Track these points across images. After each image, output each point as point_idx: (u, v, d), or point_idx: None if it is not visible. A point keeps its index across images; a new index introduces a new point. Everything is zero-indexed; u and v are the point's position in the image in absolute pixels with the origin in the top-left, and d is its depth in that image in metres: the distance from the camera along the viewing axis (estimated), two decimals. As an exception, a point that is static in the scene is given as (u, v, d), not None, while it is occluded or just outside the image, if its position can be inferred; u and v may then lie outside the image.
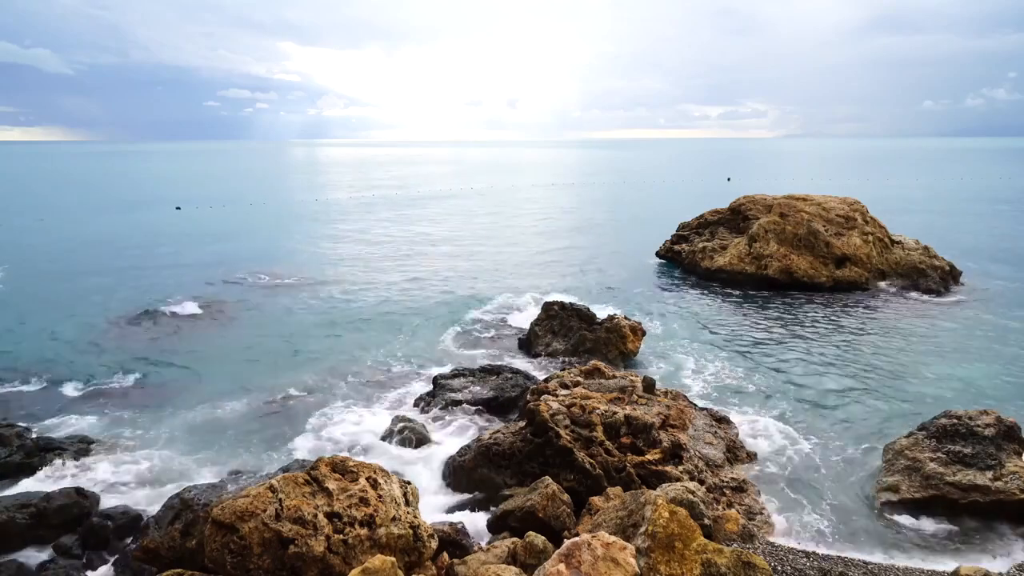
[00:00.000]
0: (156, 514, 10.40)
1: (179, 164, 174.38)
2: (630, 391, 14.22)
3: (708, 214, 35.08)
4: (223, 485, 10.97)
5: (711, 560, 7.73)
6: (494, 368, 17.96)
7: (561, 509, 10.50)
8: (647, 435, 12.48)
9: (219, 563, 8.25)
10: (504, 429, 13.34)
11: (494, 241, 43.54)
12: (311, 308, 26.58)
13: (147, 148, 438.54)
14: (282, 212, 61.05)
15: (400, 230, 48.79)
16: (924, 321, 23.62)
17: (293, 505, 8.48)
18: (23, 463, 13.11)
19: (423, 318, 24.96)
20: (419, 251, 39.87)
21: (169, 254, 38.31)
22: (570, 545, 7.54)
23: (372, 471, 9.40)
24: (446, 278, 32.08)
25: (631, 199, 73.83)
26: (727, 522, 10.35)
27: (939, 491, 11.66)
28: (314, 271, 33.74)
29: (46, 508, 11.09)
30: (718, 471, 12.38)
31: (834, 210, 30.44)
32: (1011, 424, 12.30)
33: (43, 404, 17.20)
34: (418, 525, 8.96)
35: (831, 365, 19.36)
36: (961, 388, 17.59)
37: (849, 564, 9.39)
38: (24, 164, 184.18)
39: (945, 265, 29.20)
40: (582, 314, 20.70)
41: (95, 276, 32.46)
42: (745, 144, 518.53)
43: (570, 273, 33.26)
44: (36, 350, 21.13)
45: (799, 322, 23.65)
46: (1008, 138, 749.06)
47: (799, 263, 28.89)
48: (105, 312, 25.72)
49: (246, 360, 20.40)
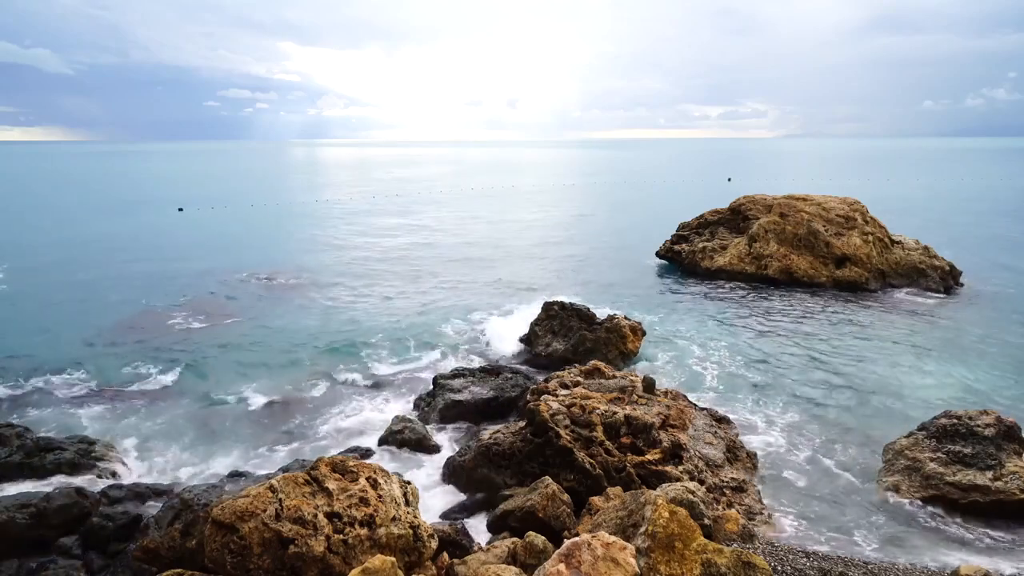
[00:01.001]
0: (156, 514, 10.40)
1: (179, 164, 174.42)
2: (630, 391, 14.22)
3: (708, 214, 35.07)
4: (223, 485, 10.98)
5: (711, 560, 7.73)
6: (494, 368, 17.97)
7: (561, 509, 10.50)
8: (647, 435, 12.48)
9: (219, 563, 8.24)
10: (504, 429, 13.34)
11: (494, 241, 43.54)
12: (311, 308, 26.59)
13: (147, 148, 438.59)
14: (283, 213, 61.05)
15: (400, 230, 48.79)
16: (924, 321, 23.61)
17: (293, 505, 8.48)
18: (23, 463, 13.10)
19: (423, 318, 24.95)
20: (419, 251, 39.88)
21: (170, 255, 38.31)
22: (570, 545, 7.54)
23: (372, 471, 9.40)
24: (446, 278, 32.09)
25: (631, 199, 73.82)
26: (727, 522, 10.34)
27: (939, 491, 11.67)
28: (314, 272, 33.75)
29: (46, 508, 11.08)
30: (718, 471, 12.37)
31: (834, 210, 30.43)
32: (1011, 424, 12.30)
33: (43, 404, 17.21)
34: (418, 525, 8.96)
35: (831, 365, 19.35)
36: (961, 388, 17.59)
37: (849, 564, 9.38)
38: (24, 164, 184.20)
39: (945, 265, 29.19)
40: (582, 314, 20.70)
41: (96, 277, 32.47)
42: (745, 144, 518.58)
43: (570, 273, 33.26)
44: (36, 350, 21.13)
45: (799, 322, 23.64)
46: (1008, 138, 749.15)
47: (799, 263, 28.88)
48: (106, 313, 25.72)
49: (246, 361, 20.41)
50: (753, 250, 30.17)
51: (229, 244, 42.56)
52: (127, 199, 74.28)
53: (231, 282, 31.03)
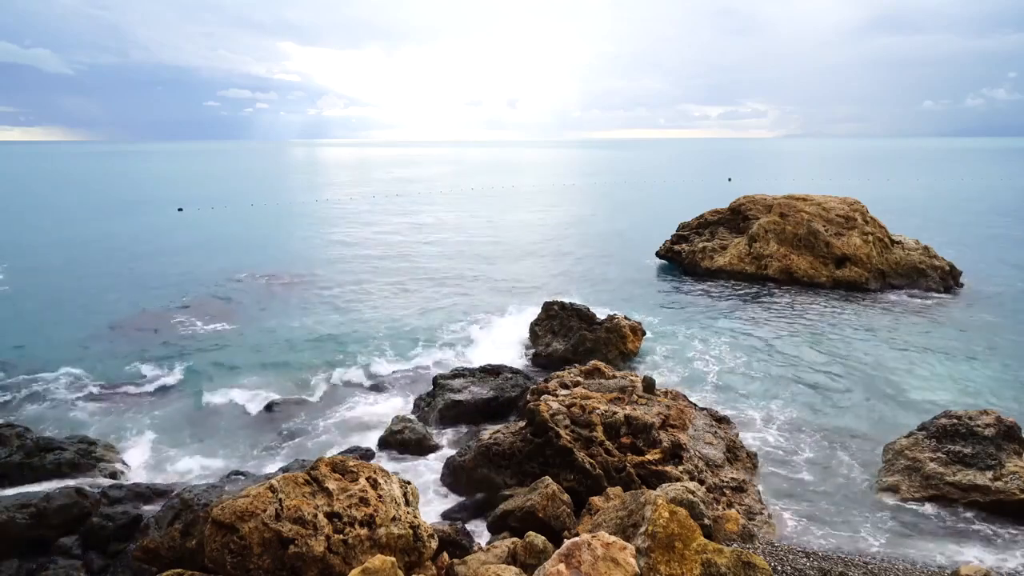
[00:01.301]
0: (156, 514, 10.39)
1: (179, 164, 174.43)
2: (630, 391, 14.22)
3: (708, 214, 35.08)
4: (223, 485, 10.97)
5: (711, 560, 7.73)
6: (494, 368, 17.96)
7: (561, 509, 10.50)
8: (647, 435, 12.48)
9: (219, 563, 8.24)
10: (504, 429, 13.34)
11: (494, 241, 43.55)
12: (311, 308, 26.58)
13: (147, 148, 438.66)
14: (282, 213, 61.07)
15: (400, 230, 48.80)
16: (924, 321, 23.61)
17: (293, 505, 8.48)
18: (23, 463, 13.09)
19: (423, 318, 24.96)
20: (419, 251, 39.88)
21: (170, 255, 38.30)
22: (570, 545, 7.54)
23: (372, 471, 9.40)
24: (446, 278, 32.09)
25: (631, 199, 73.82)
26: (727, 522, 10.34)
27: (939, 491, 11.67)
28: (314, 272, 33.74)
29: (46, 508, 11.07)
30: (718, 471, 12.37)
31: (834, 210, 30.43)
32: (1011, 424, 12.30)
33: (43, 404, 17.21)
34: (418, 525, 8.96)
35: (831, 365, 19.35)
36: (961, 388, 17.59)
37: (849, 564, 9.38)
38: (24, 164, 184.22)
39: (945, 265, 29.19)
40: (582, 314, 20.70)
41: (96, 277, 32.49)
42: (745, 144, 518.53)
43: (570, 273, 33.26)
44: (36, 350, 21.13)
45: (799, 322, 23.64)
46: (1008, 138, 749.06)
47: (799, 263, 28.88)
48: (106, 313, 25.72)
49: (246, 360, 20.40)
50: (753, 250, 30.17)
51: (229, 244, 42.56)
52: (127, 199, 74.31)
53: (231, 282, 31.03)
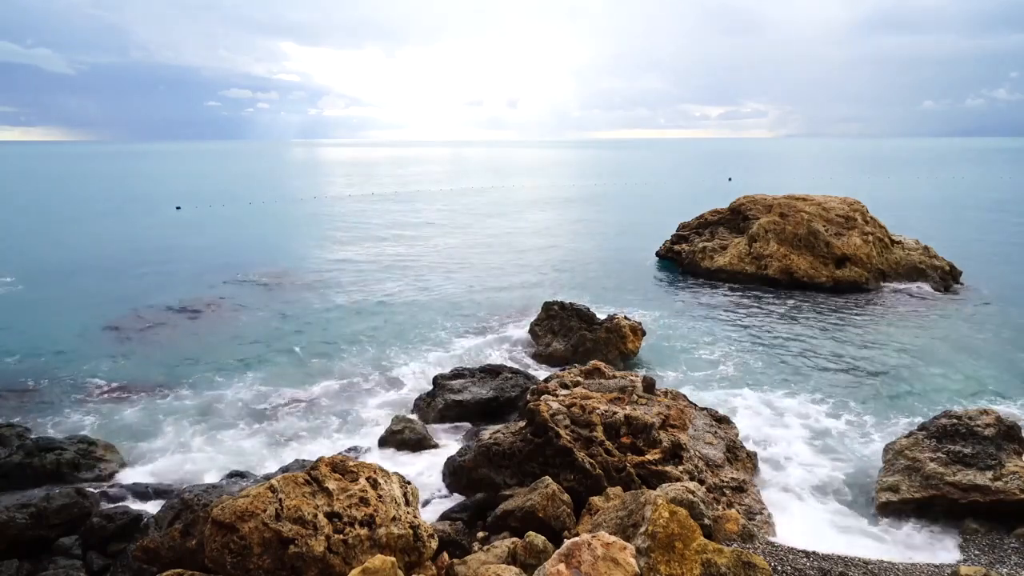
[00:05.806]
0: (156, 514, 10.40)
1: (180, 164, 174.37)
2: (630, 391, 14.22)
3: (708, 214, 35.08)
4: (223, 485, 10.98)
5: (711, 560, 7.73)
6: (494, 368, 17.95)
7: (561, 509, 10.50)
8: (647, 435, 12.48)
9: (219, 563, 8.24)
10: (504, 429, 13.33)
11: (494, 241, 43.54)
12: (311, 308, 26.57)
13: (147, 148, 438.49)
14: (282, 212, 61.06)
15: (399, 230, 48.78)
16: (924, 321, 23.61)
17: (293, 505, 8.48)
18: (23, 463, 13.08)
19: (422, 318, 24.95)
20: (418, 251, 39.87)
21: (169, 254, 38.27)
22: (570, 545, 7.54)
23: (372, 471, 9.40)
24: (445, 278, 32.09)
25: (631, 199, 73.82)
26: (727, 522, 10.34)
27: (939, 491, 11.66)
28: (314, 271, 33.74)
29: (46, 508, 11.06)
30: (718, 471, 12.37)
31: (834, 210, 30.43)
32: (1011, 424, 12.30)
33: (43, 404, 17.19)
34: (418, 525, 8.96)
35: (831, 365, 19.36)
36: (961, 388, 17.59)
37: (849, 564, 9.38)
38: (24, 164, 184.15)
39: (945, 265, 29.19)
40: (582, 314, 20.69)
41: (95, 276, 32.47)
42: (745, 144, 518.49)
43: (570, 273, 33.25)
44: (36, 350, 21.12)
45: (799, 322, 23.64)
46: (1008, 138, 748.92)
47: (799, 263, 28.88)
48: (105, 312, 25.70)
49: (246, 360, 20.39)
50: (753, 250, 30.17)
51: (228, 243, 42.54)
52: (126, 198, 74.28)
53: (230, 281, 31.02)
